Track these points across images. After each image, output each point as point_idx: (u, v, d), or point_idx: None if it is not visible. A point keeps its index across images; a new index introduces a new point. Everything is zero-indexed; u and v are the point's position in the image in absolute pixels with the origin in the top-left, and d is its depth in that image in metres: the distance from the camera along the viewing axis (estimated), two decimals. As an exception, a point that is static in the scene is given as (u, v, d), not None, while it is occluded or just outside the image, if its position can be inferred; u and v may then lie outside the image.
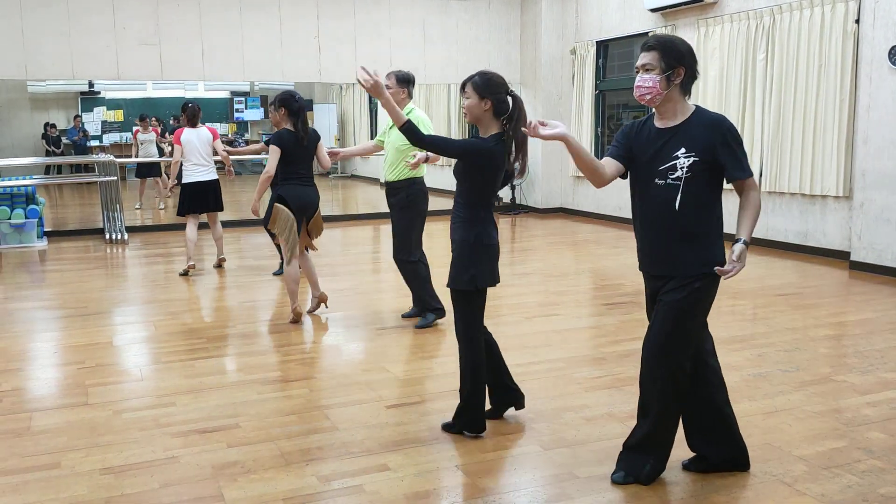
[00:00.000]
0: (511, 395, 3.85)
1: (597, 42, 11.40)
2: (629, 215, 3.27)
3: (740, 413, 3.90)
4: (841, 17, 7.80)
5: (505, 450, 3.53)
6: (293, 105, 5.73)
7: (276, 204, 5.66)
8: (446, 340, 5.32)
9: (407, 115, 5.44)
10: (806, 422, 3.80)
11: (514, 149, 3.54)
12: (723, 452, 3.22)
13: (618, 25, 10.94)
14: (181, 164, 7.69)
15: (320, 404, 4.11)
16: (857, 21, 7.65)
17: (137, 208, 13.42)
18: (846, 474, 3.23)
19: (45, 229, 10.17)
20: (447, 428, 3.71)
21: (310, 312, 6.07)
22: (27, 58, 9.99)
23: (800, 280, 7.29)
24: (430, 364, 4.92)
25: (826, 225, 8.25)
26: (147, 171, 13.75)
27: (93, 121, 19.68)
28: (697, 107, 3.02)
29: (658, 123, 3.03)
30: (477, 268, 3.53)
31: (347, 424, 3.80)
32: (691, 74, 2.97)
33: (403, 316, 5.90)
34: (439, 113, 15.20)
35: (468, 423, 3.65)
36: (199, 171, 7.70)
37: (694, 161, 2.90)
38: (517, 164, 3.58)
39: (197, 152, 7.67)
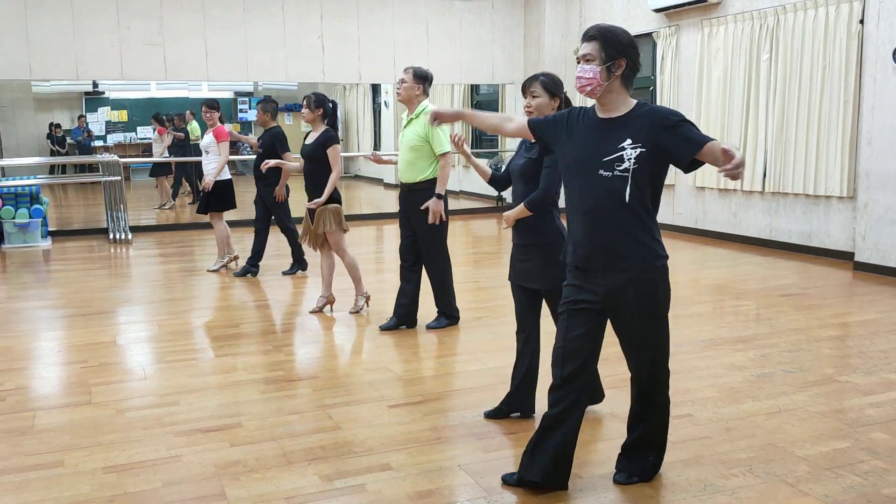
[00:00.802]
0: (521, 404, 3.86)
1: (600, 42, 11.39)
2: None
3: (743, 413, 3.91)
4: (845, 17, 7.79)
5: (507, 450, 3.53)
6: (328, 105, 5.99)
7: (337, 206, 5.86)
8: (448, 341, 5.32)
9: (420, 112, 5.43)
10: (809, 422, 3.79)
11: None
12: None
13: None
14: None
15: (323, 404, 4.12)
16: (862, 21, 7.64)
17: (157, 208, 13.53)
18: (849, 475, 3.22)
19: (50, 229, 10.19)
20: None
21: (314, 311, 6.08)
22: (32, 58, 10.03)
23: (803, 281, 7.27)
24: (433, 364, 4.92)
25: (830, 225, 8.23)
26: (157, 169, 13.95)
27: (97, 121, 19.70)
28: (639, 101, 2.95)
29: (600, 114, 2.93)
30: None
31: (350, 424, 3.81)
32: (633, 67, 2.89)
33: (382, 328, 5.54)
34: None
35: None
36: (227, 169, 7.78)
37: (641, 152, 2.79)
38: None
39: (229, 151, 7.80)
